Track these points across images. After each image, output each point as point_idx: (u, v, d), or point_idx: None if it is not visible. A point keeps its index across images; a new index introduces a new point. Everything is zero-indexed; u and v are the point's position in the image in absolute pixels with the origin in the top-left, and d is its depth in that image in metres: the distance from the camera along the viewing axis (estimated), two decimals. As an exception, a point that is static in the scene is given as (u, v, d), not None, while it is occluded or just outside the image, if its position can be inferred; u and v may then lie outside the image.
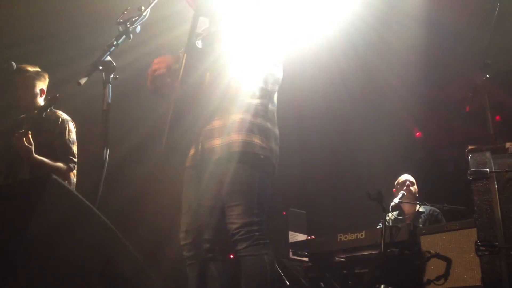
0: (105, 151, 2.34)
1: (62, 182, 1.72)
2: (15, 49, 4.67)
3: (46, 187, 1.67)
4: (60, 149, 3.64)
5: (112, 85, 2.43)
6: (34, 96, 3.74)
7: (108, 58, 2.44)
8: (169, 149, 2.71)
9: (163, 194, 5.01)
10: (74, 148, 3.72)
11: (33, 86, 3.75)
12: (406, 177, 5.50)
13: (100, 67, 2.40)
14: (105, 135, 2.38)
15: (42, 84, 3.80)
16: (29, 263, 1.57)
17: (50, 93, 3.72)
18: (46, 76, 3.84)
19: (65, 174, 3.63)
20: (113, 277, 1.75)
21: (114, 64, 2.44)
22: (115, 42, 2.48)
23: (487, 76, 3.16)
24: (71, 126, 3.75)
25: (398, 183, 5.49)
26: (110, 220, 1.82)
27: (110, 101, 2.42)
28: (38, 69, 3.80)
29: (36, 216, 1.62)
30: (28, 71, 3.74)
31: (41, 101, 3.77)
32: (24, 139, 3.39)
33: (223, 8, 2.77)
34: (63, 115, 3.74)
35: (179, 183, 2.97)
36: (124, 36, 2.52)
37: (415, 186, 5.45)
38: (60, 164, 3.60)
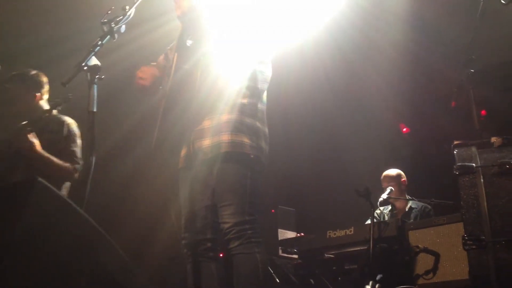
0: (91, 152, 2.33)
1: (48, 184, 1.71)
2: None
3: (32, 189, 1.66)
4: (65, 151, 3.58)
5: (98, 85, 2.41)
6: (31, 102, 3.67)
7: (93, 58, 2.42)
8: (158, 148, 2.71)
9: (149, 192, 5.00)
10: (80, 152, 3.68)
11: (28, 94, 3.67)
12: (387, 172, 5.49)
13: (85, 68, 2.38)
14: (91, 136, 2.36)
15: (37, 89, 3.71)
16: (16, 264, 1.56)
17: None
18: (41, 78, 3.74)
19: (72, 174, 3.58)
20: (100, 277, 1.75)
21: (99, 64, 2.43)
22: (99, 42, 2.47)
23: (472, 71, 3.18)
24: (77, 130, 3.71)
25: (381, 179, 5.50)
26: (95, 219, 1.82)
27: (95, 101, 2.41)
28: (32, 73, 3.72)
29: (22, 218, 1.61)
30: (20, 79, 3.67)
31: (42, 104, 3.70)
32: (27, 136, 3.34)
33: (207, 14, 2.77)
34: (69, 119, 3.70)
35: (165, 181, 2.97)
36: (108, 36, 2.51)
37: (401, 180, 5.44)
38: (67, 164, 3.55)
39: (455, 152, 2.80)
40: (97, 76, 2.41)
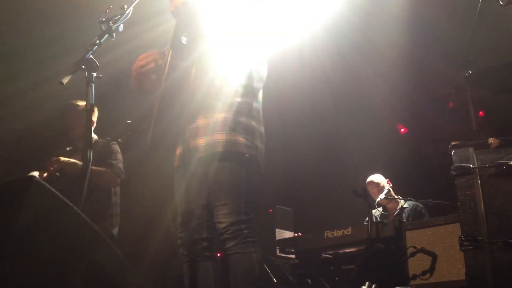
0: (88, 151, 2.33)
1: (44, 183, 1.70)
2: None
3: (29, 188, 1.65)
4: (108, 166, 3.94)
5: (95, 84, 2.41)
6: (83, 129, 3.90)
7: (91, 57, 2.42)
8: (153, 147, 2.71)
9: (145, 191, 5.00)
10: (122, 166, 4.07)
11: (83, 121, 3.90)
12: (372, 179, 5.48)
13: (83, 66, 2.38)
14: (88, 134, 2.37)
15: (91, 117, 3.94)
16: (12, 264, 1.56)
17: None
18: (96, 109, 4.00)
19: (115, 179, 3.98)
20: (96, 276, 1.74)
21: (97, 63, 2.42)
22: (97, 41, 2.46)
23: (470, 72, 3.18)
24: (117, 147, 4.09)
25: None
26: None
27: (93, 100, 2.41)
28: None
29: (18, 218, 1.60)
30: (79, 106, 3.96)
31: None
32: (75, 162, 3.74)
33: (203, 12, 2.77)
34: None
35: (161, 180, 2.96)
36: (107, 35, 2.50)
37: (386, 182, 5.44)
38: (108, 169, 3.93)
39: (452, 152, 2.80)
40: (95, 74, 2.41)
